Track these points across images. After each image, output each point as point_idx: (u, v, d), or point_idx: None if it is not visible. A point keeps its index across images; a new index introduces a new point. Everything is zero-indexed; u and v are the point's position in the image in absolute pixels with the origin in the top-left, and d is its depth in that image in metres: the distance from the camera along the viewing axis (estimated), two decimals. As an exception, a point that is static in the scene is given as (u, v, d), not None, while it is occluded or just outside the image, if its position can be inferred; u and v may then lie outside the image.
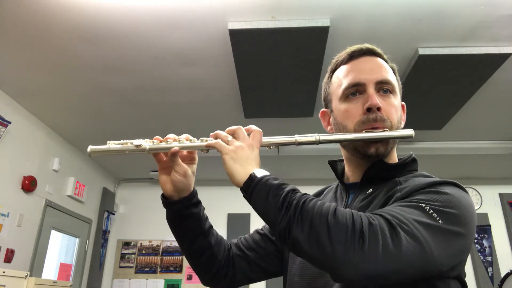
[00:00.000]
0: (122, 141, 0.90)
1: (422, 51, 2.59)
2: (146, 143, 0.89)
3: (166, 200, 0.96)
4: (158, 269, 4.93)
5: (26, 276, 2.69)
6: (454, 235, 0.71)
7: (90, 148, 0.90)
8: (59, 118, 3.61)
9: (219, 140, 0.85)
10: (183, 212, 0.94)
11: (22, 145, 3.39)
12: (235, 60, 2.65)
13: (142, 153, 0.90)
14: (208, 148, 0.87)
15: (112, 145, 0.90)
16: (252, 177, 0.78)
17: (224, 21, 2.36)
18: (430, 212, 0.71)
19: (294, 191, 0.75)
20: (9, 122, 3.14)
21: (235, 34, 2.40)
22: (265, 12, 2.30)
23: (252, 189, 0.77)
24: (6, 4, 2.22)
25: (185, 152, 0.95)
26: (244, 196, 0.80)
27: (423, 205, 0.72)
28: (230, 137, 0.85)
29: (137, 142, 0.89)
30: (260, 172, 0.79)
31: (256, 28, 2.36)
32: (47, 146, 3.76)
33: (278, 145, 0.90)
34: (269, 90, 3.03)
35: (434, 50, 2.59)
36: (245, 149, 0.83)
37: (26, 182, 3.37)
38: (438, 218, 0.71)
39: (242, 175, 0.80)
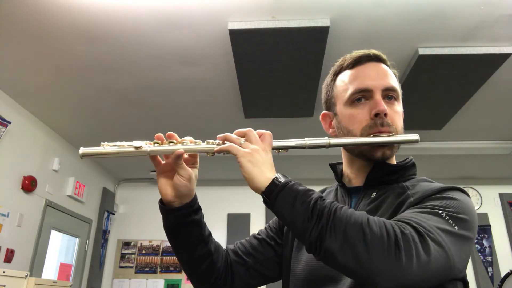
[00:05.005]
0: (118, 143, 0.83)
1: (422, 51, 2.59)
2: (146, 145, 0.82)
3: (165, 206, 0.89)
4: (158, 269, 4.92)
5: (26, 276, 2.69)
6: (466, 240, 0.74)
7: (82, 150, 0.84)
8: (59, 118, 3.61)
9: (231, 143, 0.81)
10: (185, 219, 0.89)
11: (22, 145, 3.39)
12: (235, 60, 2.65)
13: (141, 155, 0.82)
14: (220, 152, 0.82)
15: (107, 147, 0.82)
16: (275, 182, 0.75)
17: (224, 21, 2.36)
18: (446, 218, 0.73)
19: (322, 198, 0.73)
20: (9, 122, 3.14)
21: (235, 34, 2.40)
22: (265, 12, 2.30)
23: (276, 194, 0.74)
24: (6, 4, 2.22)
25: (186, 155, 0.89)
26: (266, 202, 0.76)
27: (440, 211, 0.74)
28: (242, 140, 0.82)
29: (136, 143, 0.82)
30: (282, 177, 0.77)
31: (256, 28, 2.36)
32: (47, 146, 3.75)
33: (288, 148, 0.86)
34: (269, 90, 3.03)
35: (434, 50, 2.59)
36: (260, 152, 0.80)
37: (26, 182, 3.37)
38: (453, 224, 0.72)
39: (262, 179, 0.76)
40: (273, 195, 0.74)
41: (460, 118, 3.46)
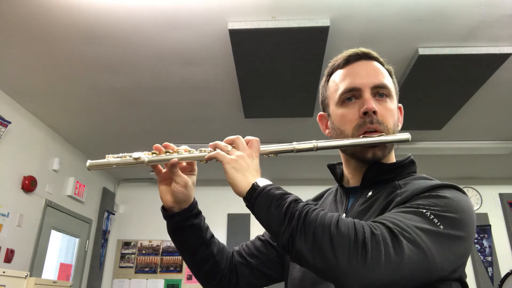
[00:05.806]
0: (120, 154, 0.90)
1: (422, 51, 2.59)
2: (144, 156, 0.90)
3: (166, 212, 0.96)
4: (158, 269, 4.93)
5: (26, 276, 2.69)
6: (455, 239, 0.72)
7: (89, 162, 0.91)
8: (59, 118, 3.61)
9: (219, 151, 0.86)
10: (184, 224, 0.94)
11: (22, 145, 3.39)
12: (235, 60, 2.65)
13: (141, 165, 0.90)
14: (208, 159, 0.87)
15: (111, 158, 0.90)
16: (254, 187, 0.78)
17: (224, 21, 2.36)
18: (431, 218, 0.71)
19: (296, 201, 0.74)
20: (9, 122, 3.14)
21: (235, 34, 2.40)
22: (265, 12, 2.30)
23: (254, 199, 0.77)
24: (6, 4, 2.22)
25: (184, 163, 0.95)
26: (247, 206, 0.79)
27: (424, 210, 0.72)
28: (229, 147, 0.86)
29: (135, 154, 0.89)
30: (262, 182, 0.79)
31: (256, 28, 2.36)
32: (47, 146, 3.75)
33: (276, 153, 0.90)
34: (269, 90, 3.03)
35: (434, 50, 2.59)
36: (245, 158, 0.83)
37: (26, 182, 3.37)
38: (438, 223, 0.71)
39: (244, 184, 0.80)
40: (252, 199, 0.77)
41: (460, 118, 3.46)
